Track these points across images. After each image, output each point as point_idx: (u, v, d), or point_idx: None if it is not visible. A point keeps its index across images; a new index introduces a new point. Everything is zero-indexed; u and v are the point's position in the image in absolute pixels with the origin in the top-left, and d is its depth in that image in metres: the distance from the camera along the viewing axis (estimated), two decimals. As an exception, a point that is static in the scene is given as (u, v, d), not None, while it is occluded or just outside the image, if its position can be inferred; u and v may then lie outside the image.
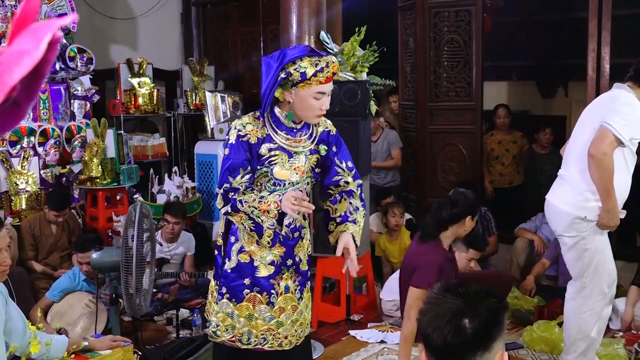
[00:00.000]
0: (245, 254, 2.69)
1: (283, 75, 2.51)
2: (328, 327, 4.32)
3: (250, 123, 2.60)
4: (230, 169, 2.56)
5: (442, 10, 5.75)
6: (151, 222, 3.44)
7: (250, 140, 2.58)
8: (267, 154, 2.61)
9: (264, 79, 2.59)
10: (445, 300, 1.43)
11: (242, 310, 2.70)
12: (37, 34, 0.63)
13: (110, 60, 6.86)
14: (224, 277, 2.72)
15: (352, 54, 4.59)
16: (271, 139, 2.61)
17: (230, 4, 7.51)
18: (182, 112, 7.16)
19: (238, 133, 2.58)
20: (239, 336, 2.72)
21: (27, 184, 5.41)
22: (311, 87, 2.51)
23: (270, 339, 2.73)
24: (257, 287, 2.69)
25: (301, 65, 2.50)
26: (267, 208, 2.49)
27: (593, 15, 4.88)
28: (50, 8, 5.70)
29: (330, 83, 2.57)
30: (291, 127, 2.64)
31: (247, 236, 2.67)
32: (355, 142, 4.48)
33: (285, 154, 2.63)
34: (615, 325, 4.39)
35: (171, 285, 4.71)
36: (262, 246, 2.66)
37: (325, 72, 2.51)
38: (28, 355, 2.54)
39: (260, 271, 2.69)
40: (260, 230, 2.57)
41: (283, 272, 2.72)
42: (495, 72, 7.77)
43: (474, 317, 1.39)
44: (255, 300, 2.69)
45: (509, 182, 6.24)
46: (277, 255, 2.70)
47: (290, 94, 2.55)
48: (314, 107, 2.55)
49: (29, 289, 4.57)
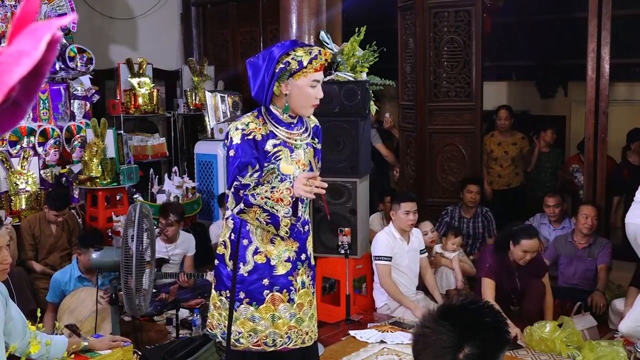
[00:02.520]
0: (261, 254, 2.69)
1: (281, 66, 2.58)
2: (328, 327, 4.31)
3: (252, 122, 2.64)
4: (240, 167, 2.58)
5: (442, 10, 5.75)
6: (151, 222, 3.44)
7: (256, 137, 2.62)
8: (273, 150, 2.65)
9: (252, 80, 2.65)
10: (440, 331, 1.42)
11: (263, 312, 2.69)
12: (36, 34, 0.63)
13: (110, 60, 6.86)
14: (240, 282, 2.69)
15: (352, 54, 4.59)
16: (274, 135, 2.66)
17: (230, 4, 7.51)
18: (182, 112, 7.16)
19: (243, 132, 2.60)
20: (264, 339, 2.70)
21: (27, 184, 5.41)
22: (307, 75, 2.61)
23: (294, 337, 2.73)
24: (276, 287, 2.69)
25: (297, 55, 2.59)
26: (280, 196, 2.54)
27: (593, 15, 4.87)
28: (50, 8, 5.70)
29: (322, 72, 2.68)
30: (289, 123, 2.70)
31: (261, 236, 2.68)
32: (355, 142, 4.49)
33: (287, 149, 2.68)
34: (616, 325, 4.39)
35: (171, 285, 4.71)
36: (278, 243, 2.68)
37: (319, 58, 2.62)
38: (28, 355, 2.54)
39: (279, 269, 2.70)
40: (276, 222, 2.58)
41: (299, 268, 2.75)
42: (494, 72, 7.77)
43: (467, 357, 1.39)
44: (275, 299, 2.69)
45: (507, 184, 6.24)
46: (292, 251, 2.72)
47: (286, 86, 2.62)
48: (310, 95, 2.64)
49: (28, 289, 4.58)
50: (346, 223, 4.47)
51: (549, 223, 5.40)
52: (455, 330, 1.40)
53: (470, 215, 5.58)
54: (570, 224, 5.26)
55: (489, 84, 6.61)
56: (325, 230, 4.59)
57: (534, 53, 7.83)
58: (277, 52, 2.59)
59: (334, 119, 4.50)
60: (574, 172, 6.22)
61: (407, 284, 4.55)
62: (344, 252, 4.35)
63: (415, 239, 4.61)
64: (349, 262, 4.37)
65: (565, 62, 7.51)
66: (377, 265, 4.47)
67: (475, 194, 5.50)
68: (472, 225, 5.58)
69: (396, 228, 4.52)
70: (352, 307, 4.41)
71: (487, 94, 6.26)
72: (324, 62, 2.65)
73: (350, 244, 4.38)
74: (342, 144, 4.51)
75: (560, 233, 5.20)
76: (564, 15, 7.31)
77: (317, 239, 4.64)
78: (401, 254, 4.50)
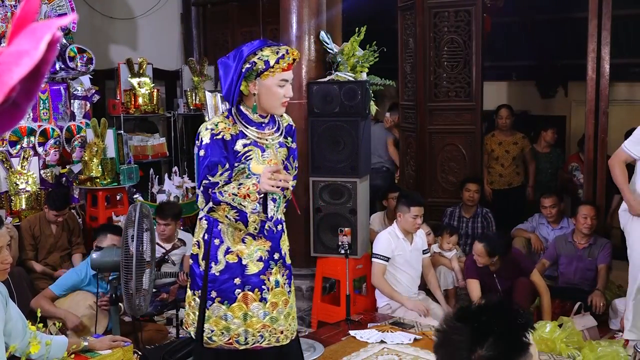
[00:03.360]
0: (233, 254, 2.71)
1: (248, 66, 2.60)
2: (328, 327, 4.31)
3: (221, 122, 2.68)
4: (209, 166, 2.61)
5: (442, 10, 5.75)
6: (151, 222, 3.44)
7: (225, 137, 2.64)
8: (243, 150, 2.67)
9: (223, 80, 2.67)
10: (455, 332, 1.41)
11: (235, 311, 2.71)
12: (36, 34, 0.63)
13: (110, 60, 6.86)
14: (212, 282, 2.72)
15: (352, 54, 4.59)
16: (244, 135, 2.68)
17: (230, 4, 7.51)
18: (182, 112, 7.16)
19: (212, 132, 2.64)
20: (236, 337, 2.72)
21: (27, 184, 5.41)
22: (274, 75, 2.62)
23: (267, 336, 2.75)
24: (248, 286, 2.71)
25: (263, 54, 2.61)
26: (247, 192, 2.56)
27: (593, 16, 4.87)
28: (50, 8, 5.70)
29: (291, 71, 2.68)
30: (260, 122, 2.72)
31: (232, 235, 2.70)
32: (355, 142, 4.49)
33: (259, 149, 2.70)
34: (615, 325, 4.39)
35: (171, 285, 4.71)
36: (250, 242, 2.70)
37: (286, 58, 2.63)
38: (28, 355, 2.54)
39: (250, 269, 2.71)
40: (244, 218, 2.60)
41: (272, 267, 2.76)
42: (495, 72, 7.77)
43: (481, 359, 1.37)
44: (248, 298, 2.71)
45: (508, 183, 6.24)
46: (264, 250, 2.74)
47: (254, 86, 2.64)
48: (278, 94, 2.65)
49: (28, 289, 4.57)
50: (346, 223, 4.47)
51: (548, 223, 5.40)
52: (469, 332, 1.39)
53: (470, 215, 5.59)
54: (568, 223, 5.27)
55: (489, 84, 6.61)
56: (325, 230, 4.59)
57: (534, 53, 7.83)
58: (245, 52, 2.61)
59: (334, 119, 4.50)
60: (573, 171, 6.22)
61: (408, 284, 4.54)
62: (344, 252, 4.35)
63: (418, 239, 4.61)
64: (349, 262, 4.37)
65: (566, 62, 7.51)
66: (373, 262, 4.49)
67: (474, 192, 5.50)
68: (471, 225, 5.58)
69: (400, 229, 4.51)
70: (352, 307, 4.41)
71: (487, 94, 6.26)
72: (292, 62, 2.66)
73: (350, 244, 4.37)
74: (342, 144, 4.51)
75: (559, 233, 5.20)
76: (564, 15, 7.30)
77: (317, 239, 4.64)
78: (403, 254, 4.49)
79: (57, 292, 4.16)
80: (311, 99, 4.57)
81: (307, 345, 3.92)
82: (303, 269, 4.83)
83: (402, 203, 4.51)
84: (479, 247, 4.48)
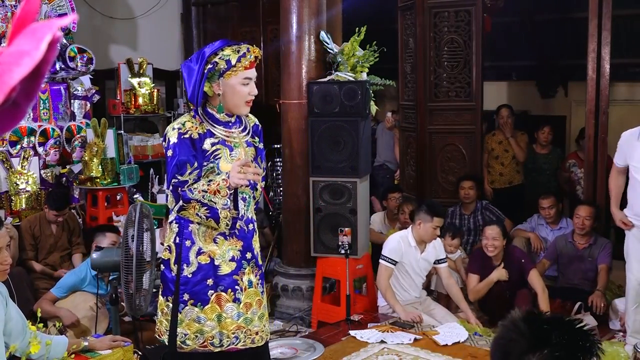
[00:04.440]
0: (204, 254, 2.69)
1: (210, 66, 2.61)
2: (328, 327, 4.31)
3: (188, 121, 2.68)
4: (178, 165, 2.61)
5: (442, 10, 5.75)
6: (151, 222, 3.43)
7: (193, 135, 2.65)
8: (211, 149, 2.67)
9: (187, 82, 2.67)
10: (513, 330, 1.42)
11: (209, 313, 2.69)
12: (36, 34, 0.63)
13: (110, 60, 6.86)
14: (184, 284, 2.69)
15: (352, 54, 4.59)
16: (212, 133, 2.69)
17: (230, 4, 7.50)
18: (182, 112, 7.16)
19: (179, 131, 2.64)
20: (211, 339, 2.69)
21: (27, 184, 5.41)
22: (237, 73, 2.63)
23: (243, 337, 2.72)
24: (221, 286, 2.69)
25: (224, 54, 2.62)
26: (217, 188, 2.56)
27: (593, 16, 4.87)
28: (50, 8, 5.70)
29: (254, 69, 2.69)
30: (227, 121, 2.73)
31: (203, 236, 2.69)
32: (355, 142, 4.49)
33: (227, 148, 2.70)
34: (615, 325, 4.39)
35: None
36: (222, 242, 2.69)
37: (248, 56, 2.64)
38: (28, 355, 2.54)
39: (223, 269, 2.70)
40: (216, 215, 2.59)
41: (244, 267, 2.74)
42: (495, 72, 7.77)
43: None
44: (221, 299, 2.69)
45: (509, 181, 6.24)
46: (237, 250, 2.72)
47: (218, 86, 2.65)
48: (243, 93, 2.66)
49: (28, 289, 4.57)
50: (346, 223, 4.47)
51: (546, 224, 5.40)
52: (528, 335, 1.39)
53: (469, 211, 5.61)
54: (567, 223, 5.27)
55: (489, 84, 6.61)
56: (325, 230, 4.59)
57: (534, 53, 7.84)
58: (207, 53, 2.63)
59: (334, 119, 4.50)
60: (571, 167, 6.22)
61: (410, 289, 4.51)
62: (344, 252, 4.35)
63: (432, 249, 4.45)
64: (349, 262, 4.36)
65: (566, 62, 7.52)
66: (380, 263, 4.43)
67: (468, 189, 5.52)
68: (472, 220, 5.60)
69: (415, 236, 4.38)
70: (352, 307, 4.41)
71: (487, 94, 6.26)
72: (254, 60, 2.68)
73: (350, 244, 4.37)
74: (342, 144, 4.51)
75: (558, 233, 5.20)
76: (564, 15, 7.31)
77: (317, 239, 4.64)
78: (411, 261, 4.40)
79: (58, 294, 4.17)
80: (311, 99, 4.58)
81: (307, 345, 3.92)
82: (303, 269, 4.83)
83: (424, 212, 4.32)
84: (494, 230, 4.46)
